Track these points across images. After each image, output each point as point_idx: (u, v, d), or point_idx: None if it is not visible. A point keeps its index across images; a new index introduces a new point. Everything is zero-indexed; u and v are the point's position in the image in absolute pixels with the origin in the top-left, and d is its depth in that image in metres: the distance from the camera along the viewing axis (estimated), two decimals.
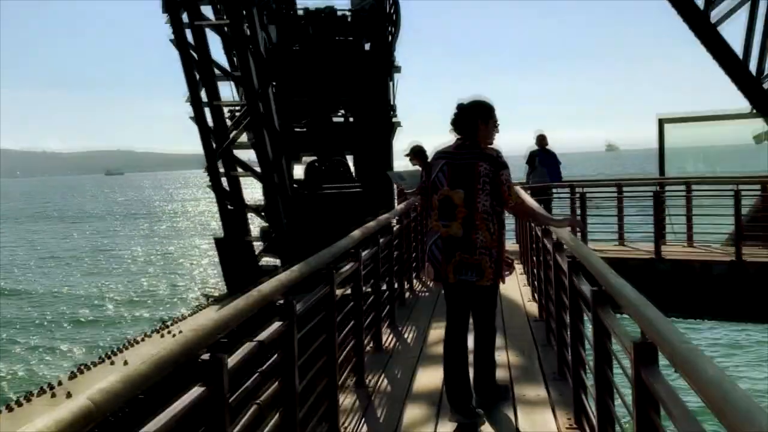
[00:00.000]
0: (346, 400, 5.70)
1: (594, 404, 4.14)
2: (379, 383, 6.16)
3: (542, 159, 15.79)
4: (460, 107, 5.21)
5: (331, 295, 4.99)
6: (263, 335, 3.52)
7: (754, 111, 15.12)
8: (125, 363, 9.31)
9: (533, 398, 5.64)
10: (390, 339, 7.67)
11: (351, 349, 6.04)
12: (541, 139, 15.78)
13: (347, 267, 5.86)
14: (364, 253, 6.45)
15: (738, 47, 15.16)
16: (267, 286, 3.62)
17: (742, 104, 15.97)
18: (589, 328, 5.10)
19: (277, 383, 3.78)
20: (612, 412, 3.98)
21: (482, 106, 5.20)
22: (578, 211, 14.56)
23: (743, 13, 15.40)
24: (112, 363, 9.47)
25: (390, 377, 6.36)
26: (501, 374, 6.24)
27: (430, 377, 6.26)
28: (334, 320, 5.08)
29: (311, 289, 5.48)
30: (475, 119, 5.12)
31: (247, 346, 3.32)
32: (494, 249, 5.02)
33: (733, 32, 15.32)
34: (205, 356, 2.84)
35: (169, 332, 10.91)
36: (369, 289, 7.14)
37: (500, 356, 6.81)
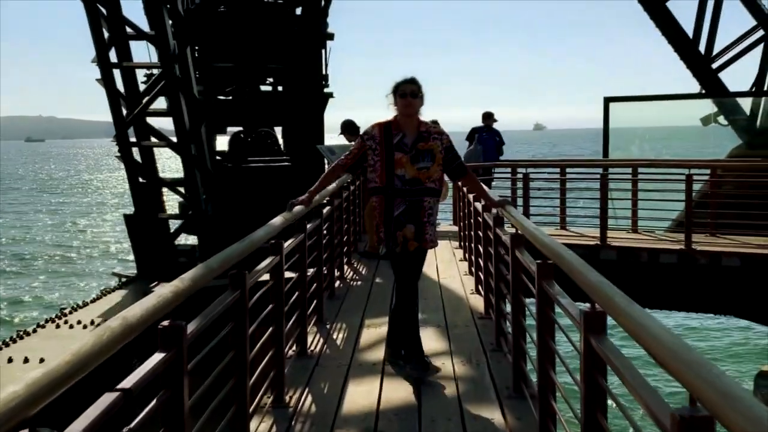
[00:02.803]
0: (261, 425, 4.66)
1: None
2: (302, 401, 5.13)
3: (481, 137, 14.95)
4: None
5: (242, 302, 3.93)
6: (131, 380, 2.44)
7: (703, 92, 14.57)
8: (9, 360, 8.04)
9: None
10: (317, 340, 6.64)
11: (269, 360, 4.99)
12: (486, 117, 14.94)
13: (265, 263, 4.79)
14: (287, 244, 5.39)
15: (689, 28, 14.57)
16: (137, 310, 2.53)
17: (687, 90, 15.48)
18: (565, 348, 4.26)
19: None
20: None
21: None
22: (519, 193, 13.78)
23: None
24: None
25: (316, 392, 5.34)
26: (448, 389, 5.32)
27: (363, 393, 5.27)
28: (246, 333, 4.03)
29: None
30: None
31: (104, 401, 2.23)
32: None
33: (683, 13, 14.71)
34: None
35: (66, 322, 9.62)
36: (293, 280, 6.11)
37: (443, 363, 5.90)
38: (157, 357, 2.74)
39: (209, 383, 3.46)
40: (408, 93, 5.40)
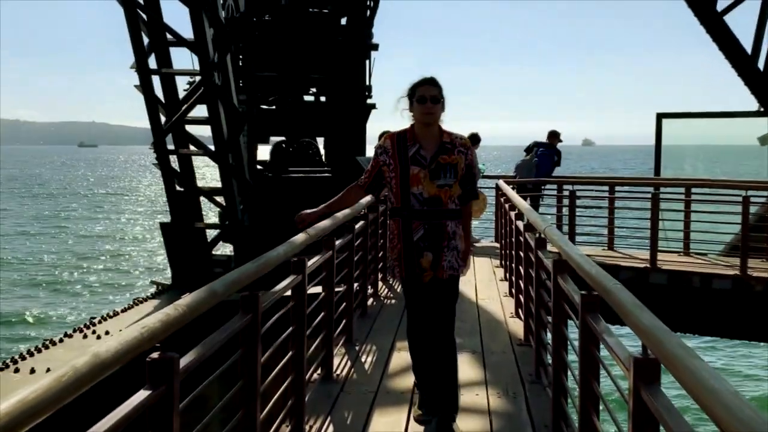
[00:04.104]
0: None
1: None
2: (323, 431, 4.78)
3: (539, 152, 14.48)
4: None
5: (254, 327, 3.59)
6: (102, 426, 2.11)
7: (762, 110, 13.91)
8: (32, 371, 7.84)
9: None
10: (344, 363, 6.28)
11: (288, 387, 4.65)
12: (551, 136, 14.49)
13: (285, 282, 4.45)
14: (311, 262, 5.05)
15: (748, 43, 13.96)
16: (113, 343, 2.20)
17: (744, 107, 14.84)
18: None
19: None
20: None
21: None
22: (565, 211, 13.28)
23: (754, 4, 14.16)
24: (17, 371, 7.98)
25: (338, 421, 4.97)
26: (482, 423, 4.92)
27: (389, 424, 4.89)
28: (257, 359, 3.69)
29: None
30: None
31: None
32: None
33: (742, 27, 14.09)
34: None
35: (94, 332, 9.43)
36: (318, 299, 5.76)
37: (479, 395, 5.49)
38: (141, 395, 2.41)
39: (209, 419, 3.12)
40: (428, 98, 4.53)
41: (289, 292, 4.60)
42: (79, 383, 1.96)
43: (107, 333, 9.35)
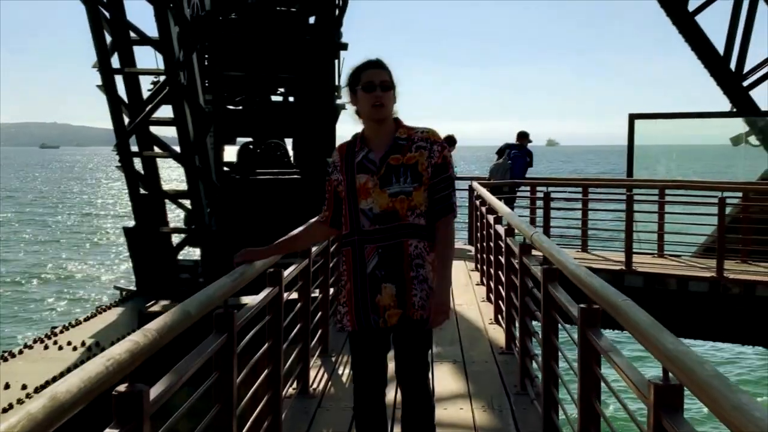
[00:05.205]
0: None
1: None
2: None
3: (512, 154, 14.32)
4: None
5: (229, 347, 3.30)
6: None
7: (734, 110, 13.91)
8: None
9: None
10: (321, 376, 6.00)
11: (264, 405, 4.36)
12: (521, 137, 14.36)
13: (261, 296, 4.17)
14: (287, 272, 4.78)
15: (720, 44, 13.97)
16: (74, 381, 1.90)
17: (714, 108, 14.84)
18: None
19: None
20: None
21: None
22: (539, 213, 13.14)
23: (725, 5, 14.17)
24: None
25: None
26: None
27: None
28: (233, 381, 3.40)
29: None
30: None
31: None
32: None
33: (714, 29, 14.10)
34: None
35: (55, 343, 9.04)
36: (294, 311, 5.48)
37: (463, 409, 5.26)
38: None
39: None
40: (377, 83, 3.41)
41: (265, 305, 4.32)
42: None
43: (69, 344, 8.97)
